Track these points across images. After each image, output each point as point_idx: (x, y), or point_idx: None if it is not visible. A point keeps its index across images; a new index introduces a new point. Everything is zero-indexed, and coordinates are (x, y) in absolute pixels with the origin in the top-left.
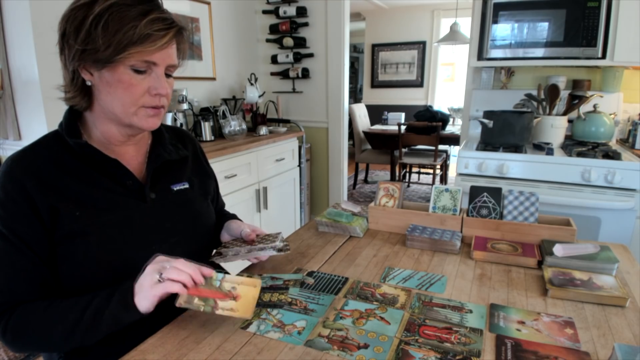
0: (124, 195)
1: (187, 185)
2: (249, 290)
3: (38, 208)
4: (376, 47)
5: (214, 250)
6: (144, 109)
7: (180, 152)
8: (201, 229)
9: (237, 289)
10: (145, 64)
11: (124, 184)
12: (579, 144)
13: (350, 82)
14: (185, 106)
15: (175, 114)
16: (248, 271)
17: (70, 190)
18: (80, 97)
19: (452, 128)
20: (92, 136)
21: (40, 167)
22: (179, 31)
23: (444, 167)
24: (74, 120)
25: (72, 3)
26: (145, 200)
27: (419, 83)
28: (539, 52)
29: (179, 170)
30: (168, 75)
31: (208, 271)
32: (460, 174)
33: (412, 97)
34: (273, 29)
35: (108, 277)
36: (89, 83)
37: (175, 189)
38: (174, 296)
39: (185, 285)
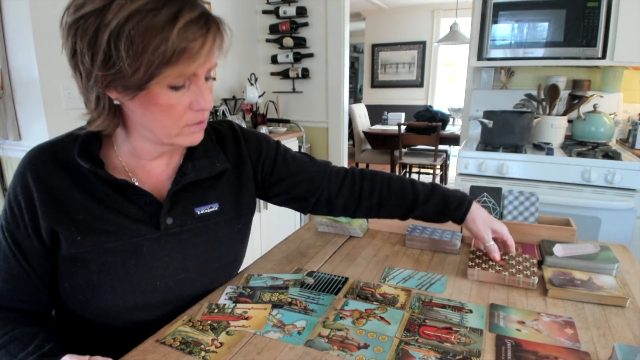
0: (137, 219)
1: (215, 208)
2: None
3: (40, 225)
4: (376, 47)
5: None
6: (187, 128)
7: (216, 168)
8: (216, 264)
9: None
10: (184, 79)
11: (141, 206)
12: (579, 144)
13: (350, 82)
14: None
15: None
16: (248, 270)
17: (78, 208)
18: (110, 119)
19: (452, 128)
20: (122, 147)
21: (53, 174)
22: (217, 30)
23: (444, 167)
24: (96, 133)
25: (75, 8)
26: (159, 226)
27: (419, 83)
28: (539, 52)
29: (210, 187)
30: (206, 78)
31: None
32: (460, 174)
33: (412, 97)
34: (273, 29)
35: (109, 302)
36: (117, 102)
37: (199, 212)
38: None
39: None
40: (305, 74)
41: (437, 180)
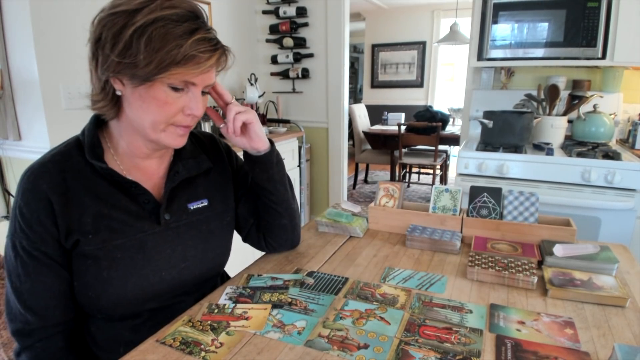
0: (139, 216)
1: (205, 203)
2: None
3: (58, 228)
4: (376, 47)
5: None
6: (173, 127)
7: (202, 165)
8: (211, 253)
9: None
10: (184, 83)
11: (141, 204)
12: (579, 144)
13: (350, 82)
14: None
15: None
16: (248, 270)
17: (88, 210)
18: (110, 106)
19: (452, 128)
20: (117, 147)
21: (64, 180)
22: (223, 52)
23: (444, 167)
24: (97, 136)
25: (110, 7)
26: (159, 222)
27: (419, 83)
28: (539, 52)
29: (200, 186)
30: (203, 93)
31: None
32: (460, 174)
33: (412, 98)
34: (273, 29)
35: (119, 296)
36: (119, 93)
37: (192, 207)
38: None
39: None
40: (305, 74)
41: (437, 181)
